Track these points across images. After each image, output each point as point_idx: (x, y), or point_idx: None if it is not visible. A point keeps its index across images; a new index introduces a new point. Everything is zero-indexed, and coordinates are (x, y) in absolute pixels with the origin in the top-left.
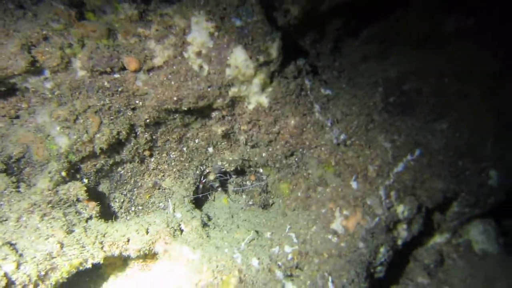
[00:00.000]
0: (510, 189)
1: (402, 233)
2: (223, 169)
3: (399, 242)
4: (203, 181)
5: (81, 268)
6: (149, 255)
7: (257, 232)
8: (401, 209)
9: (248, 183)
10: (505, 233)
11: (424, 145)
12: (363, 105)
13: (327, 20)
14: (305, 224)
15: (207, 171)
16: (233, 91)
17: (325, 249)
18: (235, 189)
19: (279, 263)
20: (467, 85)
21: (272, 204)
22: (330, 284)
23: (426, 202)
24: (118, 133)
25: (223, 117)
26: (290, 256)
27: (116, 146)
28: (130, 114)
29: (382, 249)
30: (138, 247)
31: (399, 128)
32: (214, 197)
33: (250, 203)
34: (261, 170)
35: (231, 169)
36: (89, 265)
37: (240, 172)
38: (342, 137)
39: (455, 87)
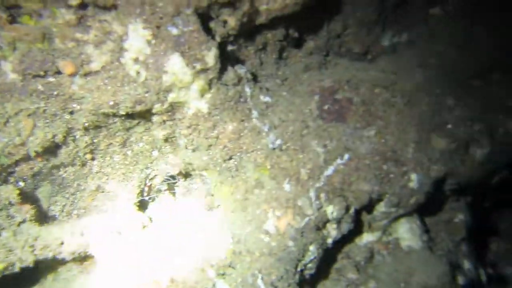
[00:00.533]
0: (428, 190)
1: (332, 232)
2: (170, 173)
3: (329, 240)
4: (149, 184)
5: (7, 272)
6: (86, 258)
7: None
8: (330, 210)
9: (194, 186)
10: (428, 231)
11: (353, 150)
12: (300, 112)
13: (268, 31)
14: (241, 225)
15: (153, 174)
16: (171, 96)
17: (257, 248)
18: (181, 191)
19: (212, 262)
20: (393, 95)
21: (218, 206)
22: (259, 281)
23: (354, 203)
24: (53, 136)
25: (164, 121)
26: (223, 256)
27: (53, 149)
28: (67, 117)
29: (311, 247)
30: (72, 250)
31: (331, 134)
32: (161, 200)
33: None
34: (204, 173)
35: (176, 172)
36: (16, 269)
37: (186, 175)
38: (278, 142)
39: (382, 97)
